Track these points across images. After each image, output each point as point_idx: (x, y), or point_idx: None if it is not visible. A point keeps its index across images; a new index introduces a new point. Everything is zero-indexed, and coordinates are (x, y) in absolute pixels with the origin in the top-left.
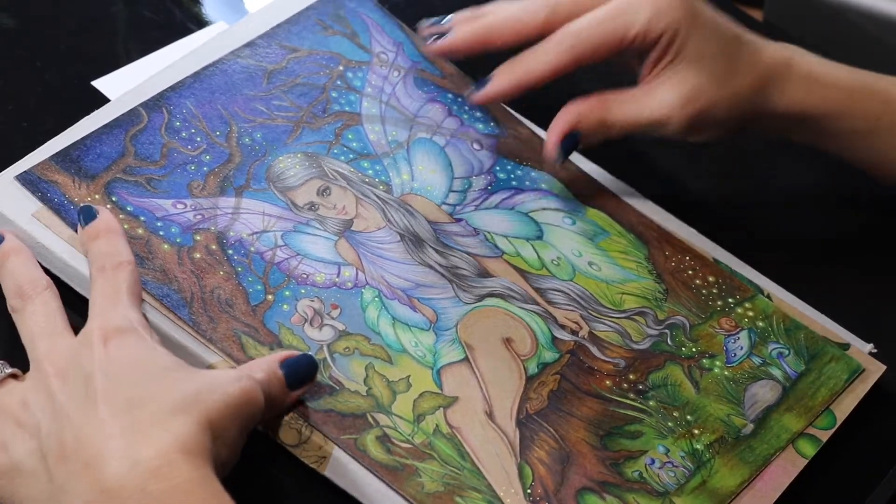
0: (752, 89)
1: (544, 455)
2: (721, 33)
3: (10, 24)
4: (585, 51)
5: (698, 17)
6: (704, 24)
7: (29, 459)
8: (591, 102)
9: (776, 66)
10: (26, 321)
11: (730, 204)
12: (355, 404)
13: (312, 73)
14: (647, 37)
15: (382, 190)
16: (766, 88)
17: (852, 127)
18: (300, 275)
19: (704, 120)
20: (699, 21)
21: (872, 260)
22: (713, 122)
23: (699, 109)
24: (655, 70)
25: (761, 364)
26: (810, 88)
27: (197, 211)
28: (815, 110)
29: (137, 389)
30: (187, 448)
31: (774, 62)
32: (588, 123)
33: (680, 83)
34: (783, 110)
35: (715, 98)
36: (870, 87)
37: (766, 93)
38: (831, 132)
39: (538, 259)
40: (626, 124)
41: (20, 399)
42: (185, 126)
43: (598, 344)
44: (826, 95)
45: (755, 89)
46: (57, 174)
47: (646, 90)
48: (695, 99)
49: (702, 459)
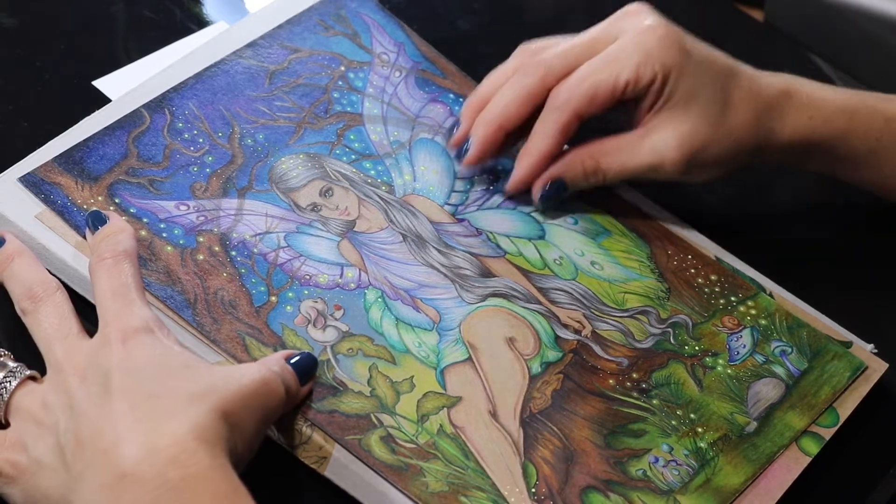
0: (751, 124)
1: (548, 454)
2: (714, 71)
3: (10, 24)
4: (581, 105)
5: (689, 56)
6: (697, 64)
7: (48, 455)
8: (585, 151)
9: (775, 96)
10: (41, 324)
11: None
12: (359, 405)
13: (314, 74)
14: (639, 83)
15: (385, 190)
16: (767, 121)
17: (855, 149)
18: (303, 276)
19: (701, 161)
20: (691, 61)
21: (872, 260)
22: (710, 162)
23: (694, 151)
24: (649, 115)
25: (764, 362)
26: (813, 114)
27: (200, 212)
28: (819, 135)
29: (154, 384)
30: (204, 436)
31: (772, 93)
32: (576, 173)
33: (673, 126)
34: (787, 139)
35: (710, 138)
36: (870, 107)
37: (768, 125)
38: (836, 156)
39: (540, 259)
40: (620, 171)
41: (40, 400)
42: (188, 127)
43: (601, 343)
44: (829, 119)
45: (754, 123)
46: (60, 176)
47: (639, 135)
48: (689, 141)
49: (706, 458)
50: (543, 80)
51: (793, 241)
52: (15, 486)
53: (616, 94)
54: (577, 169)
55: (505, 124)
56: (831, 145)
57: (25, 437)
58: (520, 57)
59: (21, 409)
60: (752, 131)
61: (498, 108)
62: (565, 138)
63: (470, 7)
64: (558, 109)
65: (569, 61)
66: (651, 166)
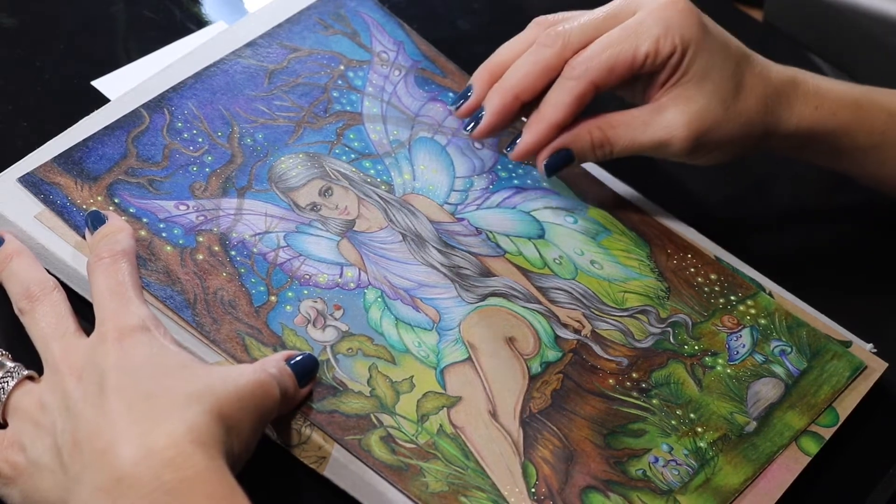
0: (759, 109)
1: (548, 454)
2: (729, 52)
3: (10, 24)
4: (600, 76)
5: (708, 34)
6: (713, 41)
7: (45, 456)
8: (594, 122)
9: (783, 84)
10: (38, 323)
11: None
12: (359, 405)
13: (313, 73)
14: (658, 56)
15: (384, 190)
16: (775, 107)
17: (860, 142)
18: (303, 276)
19: (708, 141)
20: (708, 38)
21: (872, 260)
22: (718, 144)
23: (703, 130)
24: (661, 91)
25: (764, 362)
26: (819, 104)
27: (199, 212)
28: (824, 127)
29: (151, 384)
30: (200, 439)
31: (781, 81)
32: (584, 144)
33: (686, 103)
34: (793, 128)
35: (720, 118)
36: (875, 101)
37: (775, 112)
38: (839, 149)
39: (540, 258)
40: (628, 144)
41: (37, 400)
42: (187, 127)
43: (601, 342)
44: (834, 111)
45: (763, 109)
46: (59, 176)
47: (650, 110)
48: (699, 120)
49: (705, 457)
50: (562, 52)
51: (793, 241)
52: (14, 486)
53: (635, 67)
54: (585, 140)
55: (522, 95)
56: (836, 137)
57: (23, 438)
58: (535, 29)
59: (19, 410)
60: (761, 117)
61: (516, 77)
62: (579, 109)
63: (470, 7)
64: (575, 79)
65: (588, 34)
66: (660, 142)
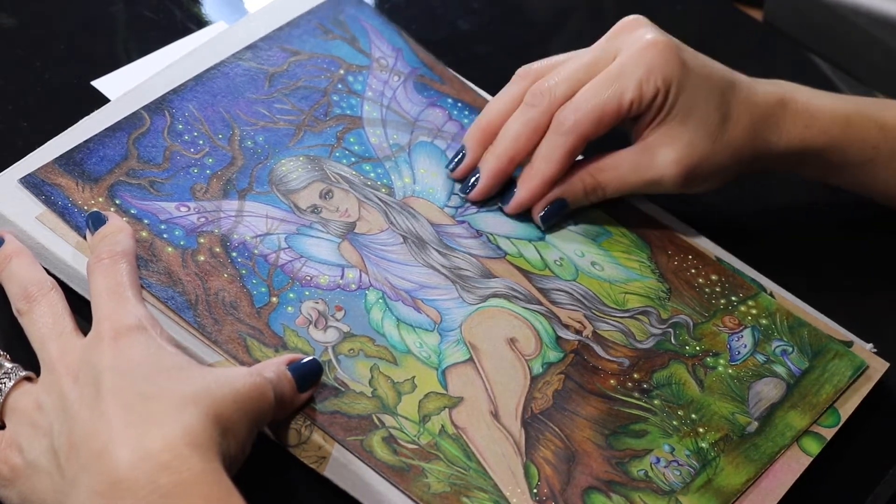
0: (748, 135)
1: (550, 455)
2: (712, 84)
3: (10, 24)
4: (588, 129)
5: (688, 70)
6: (695, 77)
7: (42, 458)
8: (584, 169)
9: (771, 107)
10: (35, 323)
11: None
12: (361, 405)
13: (314, 77)
14: (643, 100)
15: (385, 193)
16: (763, 131)
17: (851, 158)
18: (304, 277)
19: (699, 174)
20: (690, 74)
21: (873, 260)
22: (709, 174)
23: (693, 165)
24: (648, 130)
25: (765, 362)
26: (809, 123)
27: (200, 214)
28: (815, 144)
29: (147, 385)
30: (196, 441)
31: (768, 103)
32: (576, 192)
33: (671, 141)
34: (784, 148)
35: (708, 151)
36: (866, 115)
37: (764, 136)
38: (831, 164)
39: (541, 259)
40: (619, 187)
41: (34, 401)
42: (188, 129)
43: (602, 343)
44: (825, 128)
45: (751, 135)
46: (60, 177)
47: (638, 150)
48: (687, 156)
49: (707, 458)
50: (549, 108)
51: (793, 242)
52: (12, 488)
53: (622, 114)
54: (578, 188)
55: (516, 157)
56: (827, 154)
57: (21, 439)
58: (520, 83)
59: (17, 410)
60: (749, 143)
61: (509, 140)
62: (571, 162)
63: (470, 7)
64: (564, 134)
65: (573, 86)
66: (651, 182)
